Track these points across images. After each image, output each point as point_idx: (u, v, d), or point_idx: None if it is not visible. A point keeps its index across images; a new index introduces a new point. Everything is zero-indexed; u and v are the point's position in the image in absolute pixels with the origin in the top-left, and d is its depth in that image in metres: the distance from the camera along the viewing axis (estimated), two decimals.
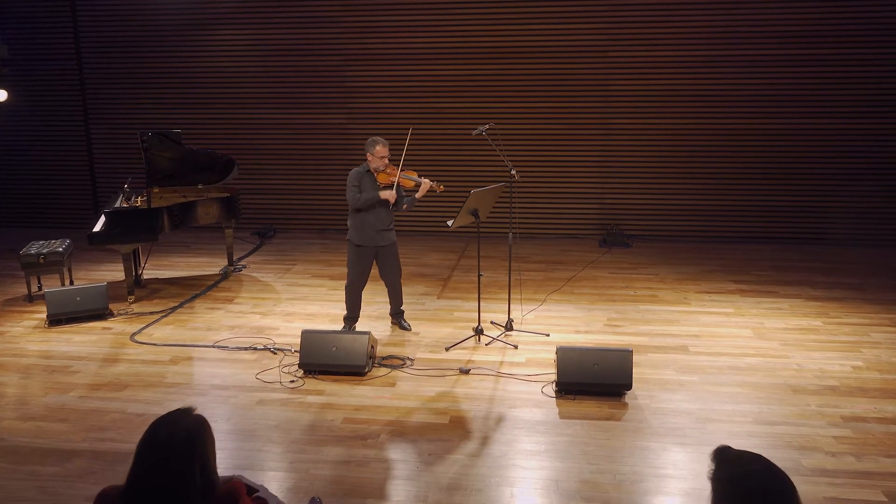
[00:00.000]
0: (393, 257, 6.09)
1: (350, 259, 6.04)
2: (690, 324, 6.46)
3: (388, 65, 9.86)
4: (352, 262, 6.04)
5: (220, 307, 7.03)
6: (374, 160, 5.82)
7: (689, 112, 9.43)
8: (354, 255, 6.00)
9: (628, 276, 8.02)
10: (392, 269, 6.12)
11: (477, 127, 6.03)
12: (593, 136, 9.68)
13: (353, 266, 6.03)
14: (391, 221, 6.01)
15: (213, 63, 10.19)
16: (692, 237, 9.67)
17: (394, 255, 6.09)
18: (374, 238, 5.92)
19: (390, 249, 6.04)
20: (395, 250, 6.10)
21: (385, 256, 6.04)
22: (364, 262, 6.01)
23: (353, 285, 6.08)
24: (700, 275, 8.02)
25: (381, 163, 5.83)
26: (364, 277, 6.08)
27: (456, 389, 5.13)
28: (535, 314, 6.72)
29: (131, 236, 6.98)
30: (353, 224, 5.95)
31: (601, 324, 6.47)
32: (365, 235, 5.91)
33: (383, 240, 5.96)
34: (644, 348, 5.86)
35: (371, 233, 5.91)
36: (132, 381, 5.31)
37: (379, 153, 5.80)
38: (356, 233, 5.94)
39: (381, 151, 5.80)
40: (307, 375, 5.34)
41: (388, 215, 5.95)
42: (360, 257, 5.98)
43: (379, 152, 5.80)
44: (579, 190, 9.83)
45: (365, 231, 5.90)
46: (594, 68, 9.49)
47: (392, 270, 6.13)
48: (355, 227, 5.94)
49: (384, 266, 6.09)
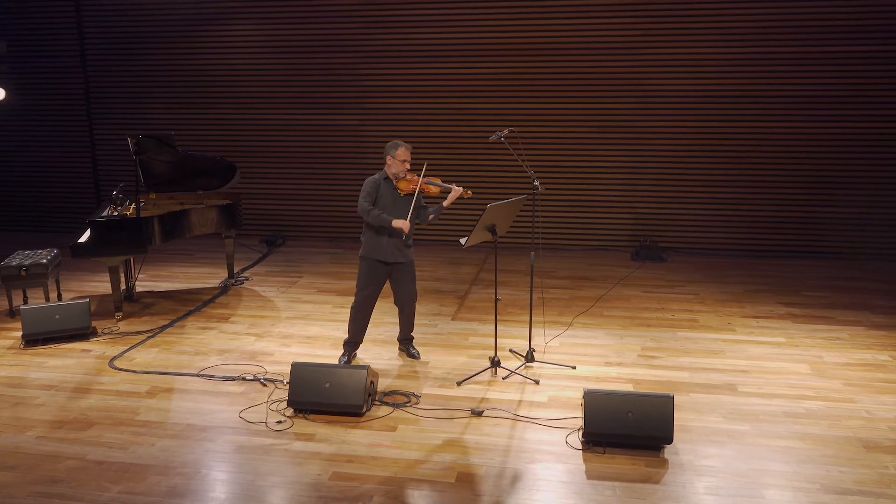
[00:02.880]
0: (409, 277, 5.43)
1: (361, 277, 5.39)
2: (737, 355, 5.69)
3: (405, 63, 9.18)
4: (362, 280, 5.38)
5: (214, 327, 6.41)
6: (395, 164, 5.20)
7: (731, 114, 8.60)
8: (366, 273, 5.36)
9: (664, 295, 7.24)
10: (407, 292, 5.47)
11: (495, 132, 5.32)
12: (625, 139, 8.89)
13: (364, 285, 5.38)
14: (410, 237, 5.35)
15: (222, 61, 9.60)
16: (734, 251, 8.84)
17: (410, 276, 5.44)
18: (391, 254, 5.27)
19: (407, 269, 5.40)
20: (412, 270, 5.45)
21: (400, 276, 5.39)
22: (376, 282, 5.37)
23: (359, 307, 5.43)
24: (745, 295, 7.21)
25: (402, 167, 5.20)
26: (373, 299, 5.45)
27: (466, 436, 4.42)
28: (560, 341, 5.99)
29: (118, 248, 6.39)
30: (369, 238, 5.31)
31: (635, 354, 5.72)
32: (381, 249, 5.27)
33: (401, 256, 5.31)
34: (685, 386, 5.10)
35: (388, 247, 5.26)
36: (100, 418, 4.69)
37: (400, 156, 5.18)
38: (371, 247, 5.31)
39: (402, 154, 5.18)
40: (297, 415, 4.68)
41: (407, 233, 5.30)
42: (372, 275, 5.34)
43: (400, 155, 5.18)
44: (610, 198, 9.04)
45: (382, 245, 5.26)
46: (627, 67, 8.70)
47: (407, 292, 5.47)
48: (370, 241, 5.30)
49: (399, 287, 5.44)
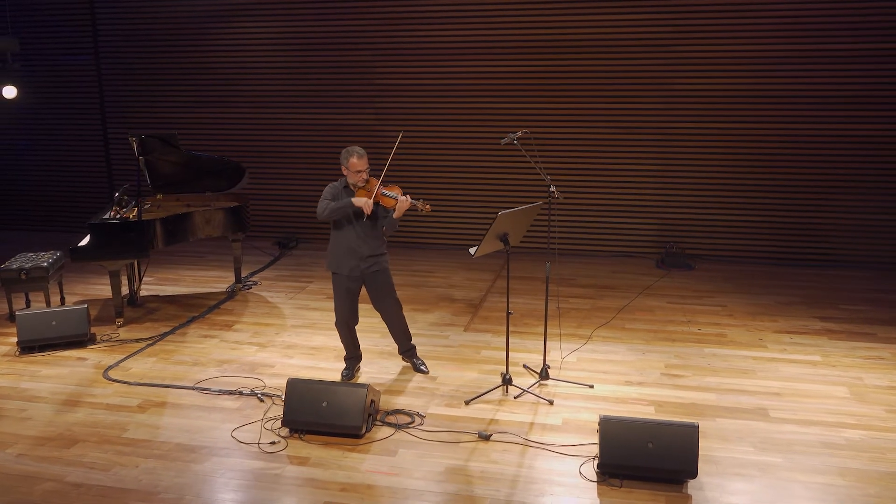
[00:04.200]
0: (385, 289, 5.08)
1: (334, 292, 5.07)
2: (769, 375, 5.28)
3: (422, 60, 8.84)
4: (336, 295, 5.06)
5: (216, 335, 6.15)
6: (350, 174, 4.84)
7: (765, 114, 8.12)
8: (337, 288, 5.03)
9: (690, 307, 6.83)
10: (385, 301, 5.12)
11: (509, 133, 4.97)
12: (652, 140, 8.47)
13: (339, 300, 5.05)
14: (378, 247, 5.00)
15: (236, 59, 9.34)
16: (766, 259, 8.38)
17: (386, 284, 5.09)
18: (355, 268, 4.93)
19: (380, 277, 5.03)
20: (386, 278, 5.08)
21: (374, 286, 5.05)
22: (349, 296, 5.02)
23: (341, 322, 5.12)
24: (777, 308, 6.78)
25: (358, 177, 4.84)
26: (354, 312, 5.10)
27: (471, 463, 4.09)
28: (578, 356, 5.63)
29: (118, 252, 6.16)
30: (332, 250, 4.99)
31: (658, 372, 5.34)
32: (346, 263, 4.94)
33: (368, 268, 4.97)
34: (711, 410, 4.72)
35: (353, 260, 4.93)
36: (85, 435, 4.44)
37: (354, 166, 4.80)
38: (335, 260, 4.98)
39: (356, 164, 4.80)
40: (293, 435, 4.39)
41: (374, 239, 4.95)
42: (343, 290, 5.01)
43: (354, 165, 4.80)
44: (635, 201, 8.62)
45: (346, 259, 4.93)
46: (654, 64, 8.27)
47: (386, 302, 5.13)
48: (334, 254, 4.98)
49: (375, 298, 5.12)
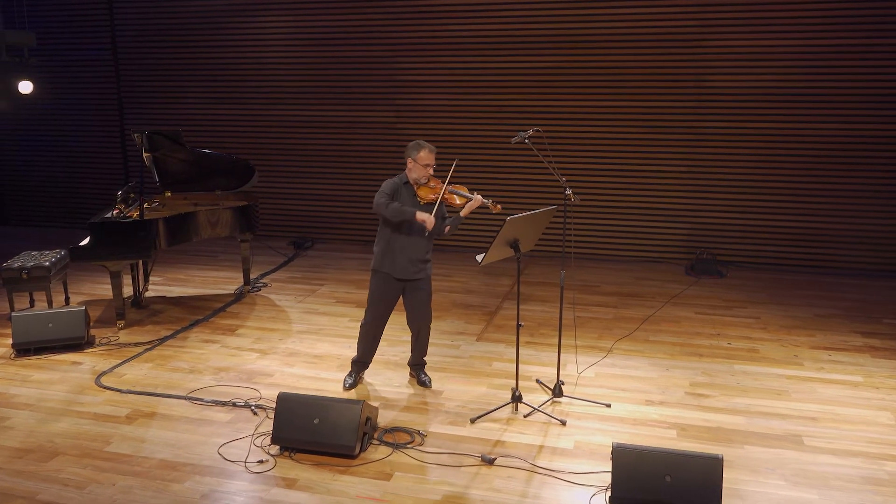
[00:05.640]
0: (424, 297, 4.84)
1: (372, 292, 4.84)
2: (804, 397, 4.85)
3: (443, 55, 8.51)
4: (373, 296, 4.83)
5: (217, 340, 5.90)
6: (416, 168, 4.62)
7: (803, 113, 7.62)
8: (378, 288, 4.81)
9: (721, 318, 6.40)
10: (421, 313, 4.87)
11: (518, 133, 4.62)
12: (682, 139, 8.01)
13: (375, 302, 4.83)
14: (429, 251, 4.77)
15: (253, 54, 9.11)
16: (803, 267, 7.89)
17: (426, 295, 4.85)
18: (405, 269, 4.70)
19: (422, 286, 4.81)
20: (427, 289, 4.85)
21: (414, 295, 4.81)
22: (389, 298, 4.81)
23: (370, 325, 4.89)
24: (815, 321, 6.32)
25: (425, 172, 4.63)
26: (386, 317, 4.89)
27: (472, 491, 3.76)
28: (596, 370, 5.26)
29: (118, 253, 5.94)
30: (381, 249, 4.74)
31: (682, 391, 4.95)
32: (395, 264, 4.71)
33: (417, 272, 4.73)
34: (739, 435, 4.32)
35: (403, 262, 4.69)
36: (66, 447, 4.21)
37: (423, 159, 4.60)
38: (384, 259, 4.74)
39: (425, 158, 4.60)
40: (283, 453, 4.10)
41: (426, 243, 4.71)
42: (384, 291, 4.79)
43: (423, 159, 4.60)
44: (664, 204, 8.19)
45: (396, 259, 4.70)
46: (685, 59, 7.81)
47: (421, 314, 4.88)
48: (383, 253, 4.74)
49: (412, 307, 4.86)
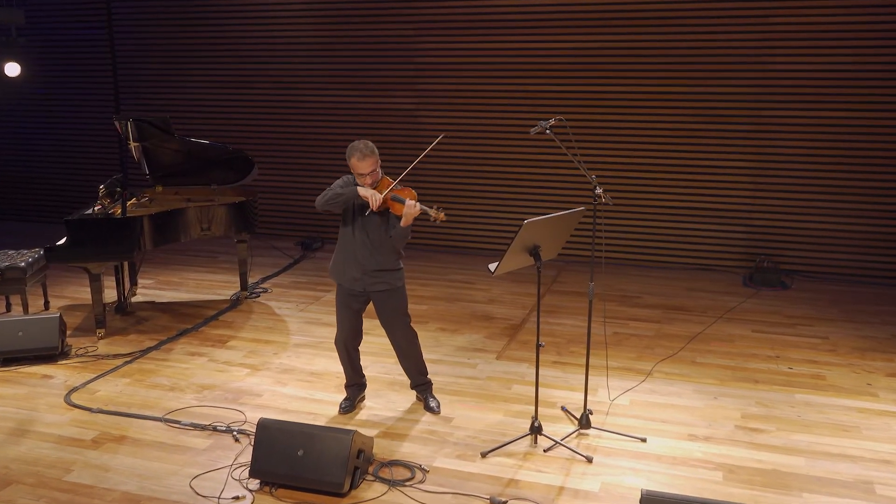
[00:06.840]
0: (396, 311, 4.25)
1: (336, 306, 4.32)
2: (877, 436, 4.16)
3: (468, 37, 7.76)
4: (336, 308, 4.32)
5: (205, 353, 5.34)
6: (355, 175, 4.03)
7: (881, 102, 6.74)
8: (338, 301, 4.30)
9: (781, 337, 5.68)
10: (394, 327, 4.30)
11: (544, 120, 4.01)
12: (741, 133, 7.14)
13: (339, 317, 4.31)
14: (392, 261, 4.15)
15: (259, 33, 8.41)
16: (880, 279, 6.99)
17: (397, 309, 4.25)
18: (359, 280, 4.12)
19: (388, 298, 4.20)
20: (397, 301, 4.24)
21: (382, 308, 4.25)
22: (349, 312, 4.25)
23: (339, 343, 4.35)
24: (893, 343, 5.57)
25: (363, 180, 3.99)
26: (354, 332, 4.32)
27: None
28: (632, 397, 4.62)
29: (97, 254, 5.41)
30: (335, 256, 4.24)
31: (731, 424, 4.29)
32: (344, 274, 4.17)
33: (373, 284, 4.14)
34: (797, 480, 3.67)
35: (353, 271, 4.12)
36: (21, 475, 3.67)
37: (354, 167, 3.99)
38: (336, 268, 4.23)
39: (355, 166, 3.97)
40: (263, 488, 3.53)
41: (385, 251, 4.10)
42: (344, 303, 4.26)
43: (354, 166, 3.98)
44: (720, 206, 7.34)
45: (348, 269, 4.14)
46: (745, 41, 6.94)
47: (393, 328, 4.30)
48: (336, 261, 4.23)
49: (383, 324, 4.32)
